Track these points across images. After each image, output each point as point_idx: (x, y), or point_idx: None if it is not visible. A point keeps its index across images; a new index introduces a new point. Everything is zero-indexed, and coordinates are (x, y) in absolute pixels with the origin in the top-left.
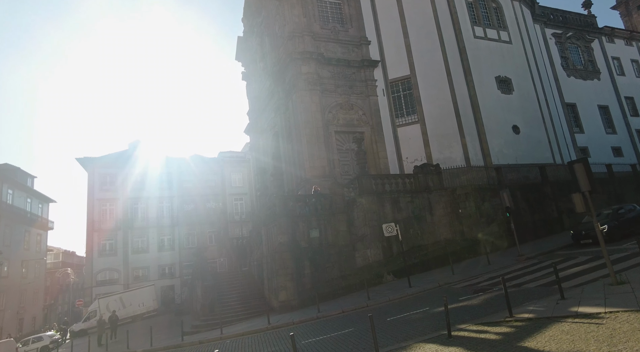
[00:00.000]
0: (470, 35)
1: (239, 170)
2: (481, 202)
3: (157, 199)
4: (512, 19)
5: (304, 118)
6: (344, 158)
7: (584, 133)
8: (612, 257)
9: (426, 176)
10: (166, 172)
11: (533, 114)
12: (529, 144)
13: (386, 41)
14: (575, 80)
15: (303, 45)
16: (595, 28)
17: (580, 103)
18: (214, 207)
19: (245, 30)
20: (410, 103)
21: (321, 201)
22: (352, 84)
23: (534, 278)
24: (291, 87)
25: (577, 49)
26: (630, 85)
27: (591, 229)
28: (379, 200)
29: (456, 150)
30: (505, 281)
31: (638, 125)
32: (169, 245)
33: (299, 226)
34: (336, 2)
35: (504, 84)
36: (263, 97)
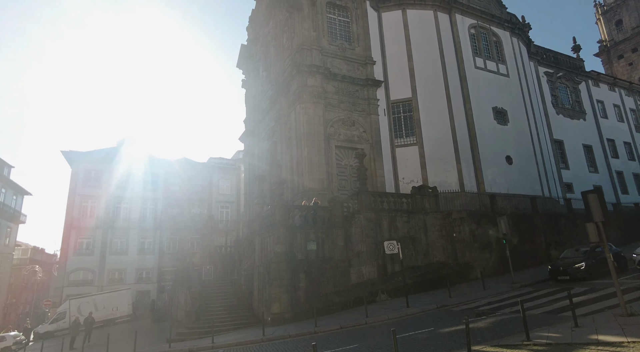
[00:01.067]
0: (472, 65)
1: (228, 178)
2: (475, 228)
3: (142, 200)
4: (510, 53)
5: (307, 130)
6: (342, 173)
7: (569, 169)
8: (605, 292)
9: (423, 197)
10: (153, 173)
11: (525, 147)
12: (521, 175)
13: (390, 63)
14: (564, 118)
15: (311, 58)
16: (583, 71)
17: (567, 141)
18: (199, 213)
19: (250, 38)
20: (410, 125)
21: (321, 213)
22: (355, 101)
23: (535, 305)
24: (296, 98)
25: (566, 89)
26: (612, 128)
27: (569, 265)
28: (377, 217)
29: (452, 175)
30: (506, 306)
31: (617, 167)
32: (149, 248)
33: (297, 237)
34: (345, 20)
35: (500, 115)
36: (264, 105)
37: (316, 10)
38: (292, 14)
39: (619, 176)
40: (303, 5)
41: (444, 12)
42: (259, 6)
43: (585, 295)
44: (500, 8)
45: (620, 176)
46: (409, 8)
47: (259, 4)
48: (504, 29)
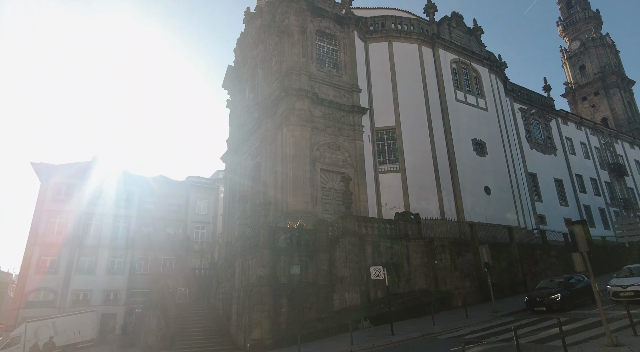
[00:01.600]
0: (453, 98)
1: (205, 198)
2: (456, 256)
3: (114, 218)
4: (489, 89)
5: (293, 152)
6: (326, 196)
7: (542, 202)
8: (585, 322)
9: (406, 223)
10: (128, 190)
11: (503, 178)
12: (498, 206)
13: (376, 91)
14: (537, 152)
15: (299, 82)
16: (553, 109)
17: (540, 174)
18: (174, 233)
19: (237, 60)
20: (393, 152)
21: (305, 236)
22: (340, 126)
23: (521, 334)
24: (283, 120)
25: (539, 125)
26: (579, 165)
27: (545, 296)
28: (361, 242)
29: (433, 202)
30: (492, 335)
31: (585, 201)
32: (119, 268)
33: (281, 260)
34: (333, 48)
35: (479, 147)
36: (249, 126)
37: (306, 37)
38: (282, 39)
39: (587, 209)
40: (293, 32)
41: (427, 46)
42: (248, 30)
43: (566, 325)
44: (479, 46)
45: (587, 209)
46: (394, 40)
47: (248, 27)
48: (483, 66)
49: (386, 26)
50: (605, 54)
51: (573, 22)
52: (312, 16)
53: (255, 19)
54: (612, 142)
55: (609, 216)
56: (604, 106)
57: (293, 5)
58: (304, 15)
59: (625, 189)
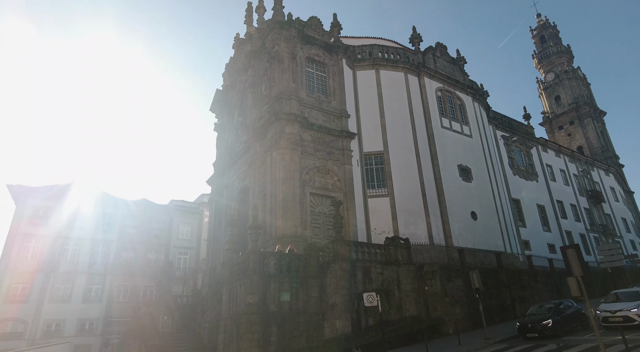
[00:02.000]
0: (438, 125)
1: (189, 222)
2: (447, 282)
3: (92, 242)
4: (472, 116)
5: (283, 175)
6: (315, 220)
7: (526, 227)
8: (579, 348)
9: (396, 249)
10: (109, 213)
11: (488, 203)
12: (485, 231)
13: (364, 117)
14: (519, 179)
15: (289, 107)
16: (533, 137)
17: (523, 200)
18: (156, 258)
19: (226, 84)
20: (382, 177)
21: (296, 262)
22: (330, 151)
23: None
24: (273, 143)
25: (520, 152)
26: (560, 191)
27: (537, 322)
28: (352, 268)
29: (421, 227)
30: None
31: (566, 227)
32: (96, 296)
33: (271, 286)
34: (323, 75)
35: (465, 173)
36: (237, 149)
37: (296, 63)
38: (272, 64)
39: (568, 235)
40: (284, 58)
41: (413, 74)
42: (238, 55)
43: (565, 350)
44: (463, 75)
45: (569, 235)
46: (381, 68)
47: (238, 52)
48: (467, 94)
49: (373, 55)
50: (578, 86)
51: (547, 55)
52: (301, 43)
53: (245, 45)
54: (589, 169)
55: (589, 241)
56: (579, 135)
57: (283, 32)
58: (294, 42)
59: (603, 215)
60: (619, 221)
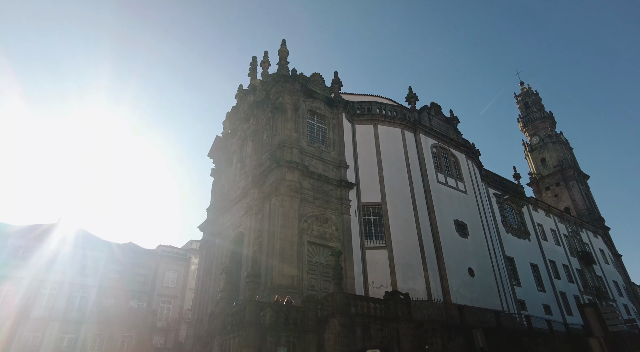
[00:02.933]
0: (434, 179)
1: (175, 269)
2: (447, 341)
3: (71, 287)
4: (467, 173)
5: (282, 222)
6: (312, 271)
7: (521, 286)
8: None
9: (396, 304)
10: (93, 256)
11: (485, 260)
12: (483, 288)
13: (362, 169)
14: (512, 237)
15: (291, 155)
16: (524, 196)
17: (517, 258)
18: (138, 306)
19: (226, 132)
20: (380, 228)
21: (293, 314)
22: (328, 199)
23: None
24: (272, 190)
25: (512, 210)
26: (551, 250)
27: None
28: (351, 323)
29: (419, 283)
30: None
31: (560, 288)
32: (68, 347)
33: (267, 340)
34: (323, 127)
35: (461, 228)
36: (233, 195)
37: (298, 115)
38: (275, 115)
39: (563, 296)
40: (287, 109)
41: (409, 131)
42: (240, 104)
43: None
44: (456, 134)
45: (563, 296)
46: (379, 124)
47: (241, 102)
48: (461, 152)
49: (372, 111)
50: (562, 149)
51: (531, 120)
52: (304, 97)
53: (248, 96)
54: (578, 230)
55: (584, 303)
56: (565, 196)
57: (288, 85)
58: (297, 95)
59: (595, 278)
60: (611, 283)
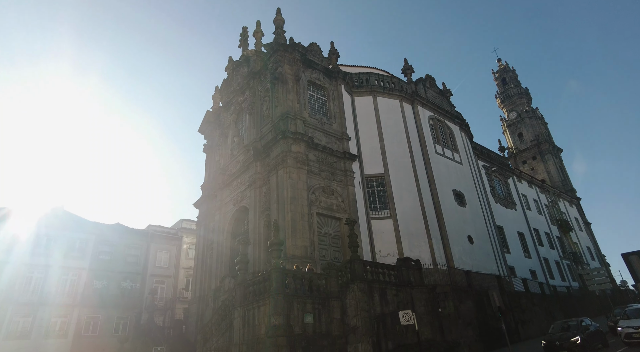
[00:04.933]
0: (433, 151)
1: (167, 249)
2: (458, 304)
3: (61, 270)
4: (461, 145)
5: (291, 194)
6: (322, 242)
7: (510, 254)
8: None
9: (408, 270)
10: (80, 238)
11: (481, 228)
12: (481, 255)
13: (364, 141)
14: (501, 207)
15: (295, 126)
16: (509, 168)
17: (506, 227)
18: (131, 287)
19: (217, 106)
20: (384, 199)
21: (316, 281)
22: (333, 171)
23: None
24: (278, 162)
25: (499, 182)
26: (535, 219)
27: (565, 339)
28: (370, 289)
29: (424, 250)
30: None
31: (543, 254)
32: (61, 331)
33: (294, 307)
34: (323, 98)
35: (459, 198)
36: (232, 170)
37: (299, 85)
38: (275, 85)
39: (546, 262)
40: (288, 79)
41: (407, 102)
42: (233, 76)
43: None
44: (450, 106)
45: (546, 262)
46: (378, 95)
47: (233, 74)
48: (455, 124)
49: (370, 82)
50: (538, 125)
51: (509, 96)
52: (303, 67)
53: (241, 67)
54: (557, 200)
55: (564, 268)
56: (541, 170)
57: (287, 55)
58: (297, 65)
59: (572, 244)
60: (585, 249)
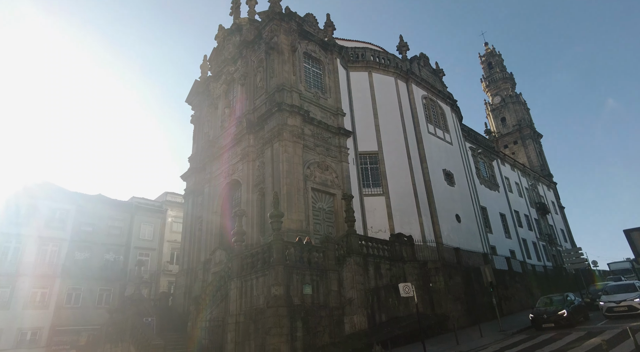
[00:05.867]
0: (425, 130)
1: (151, 222)
2: (448, 279)
3: (41, 240)
4: (451, 125)
5: (286, 168)
6: (316, 217)
7: (492, 234)
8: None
9: (401, 246)
10: (60, 208)
11: (468, 208)
12: (468, 234)
13: (358, 117)
14: (485, 188)
15: (291, 99)
16: (494, 151)
17: (489, 208)
18: (114, 259)
19: (205, 76)
20: (377, 176)
21: (314, 253)
22: (328, 147)
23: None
24: (273, 136)
25: (484, 164)
26: (516, 202)
27: (552, 312)
28: (365, 263)
29: (415, 227)
30: (537, 348)
31: (522, 235)
32: (41, 302)
33: (294, 279)
34: (318, 72)
35: (448, 178)
36: (224, 142)
37: (295, 57)
38: (271, 55)
39: (524, 242)
40: (283, 50)
41: (402, 80)
42: (224, 45)
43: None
44: (443, 86)
45: (525, 242)
46: (374, 71)
47: (224, 43)
48: (446, 104)
49: (366, 57)
50: (521, 110)
51: (494, 80)
52: (299, 38)
53: (233, 36)
54: (536, 184)
55: (539, 248)
56: (521, 154)
57: (283, 24)
58: (293, 35)
59: (548, 226)
60: (559, 231)
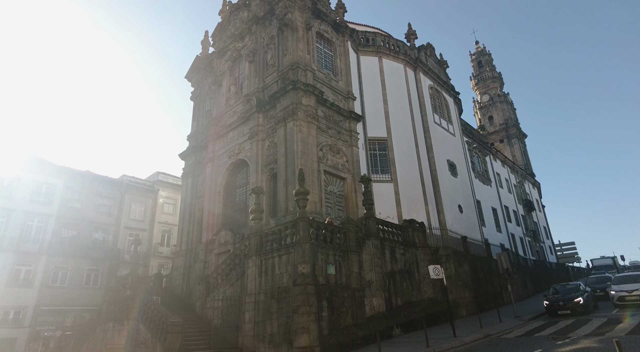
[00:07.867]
0: (432, 119)
1: (142, 202)
2: (458, 266)
3: (27, 215)
4: (454, 117)
5: (301, 148)
6: (328, 200)
7: (485, 227)
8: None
9: (414, 232)
10: (48, 183)
11: (469, 199)
12: (469, 224)
13: (368, 102)
14: (479, 182)
15: (305, 78)
16: (487, 146)
17: (483, 202)
18: (103, 239)
19: (206, 52)
20: (385, 162)
21: (337, 234)
22: (339, 130)
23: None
24: (287, 115)
25: (478, 158)
26: (506, 197)
27: (568, 300)
28: (382, 246)
29: (421, 215)
30: (560, 333)
31: (511, 230)
32: (25, 280)
33: (318, 258)
34: (330, 53)
35: (452, 168)
36: (229, 121)
37: (309, 35)
38: (284, 32)
39: (512, 237)
40: (298, 27)
41: (410, 68)
42: (230, 21)
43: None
44: (447, 77)
45: (513, 237)
46: (384, 57)
47: (231, 18)
48: (450, 96)
49: (377, 42)
50: (508, 109)
51: (483, 79)
52: (313, 17)
53: (240, 11)
54: (523, 181)
55: (525, 244)
56: (507, 153)
57: (298, 1)
58: (307, 13)
59: (532, 223)
60: (542, 228)
